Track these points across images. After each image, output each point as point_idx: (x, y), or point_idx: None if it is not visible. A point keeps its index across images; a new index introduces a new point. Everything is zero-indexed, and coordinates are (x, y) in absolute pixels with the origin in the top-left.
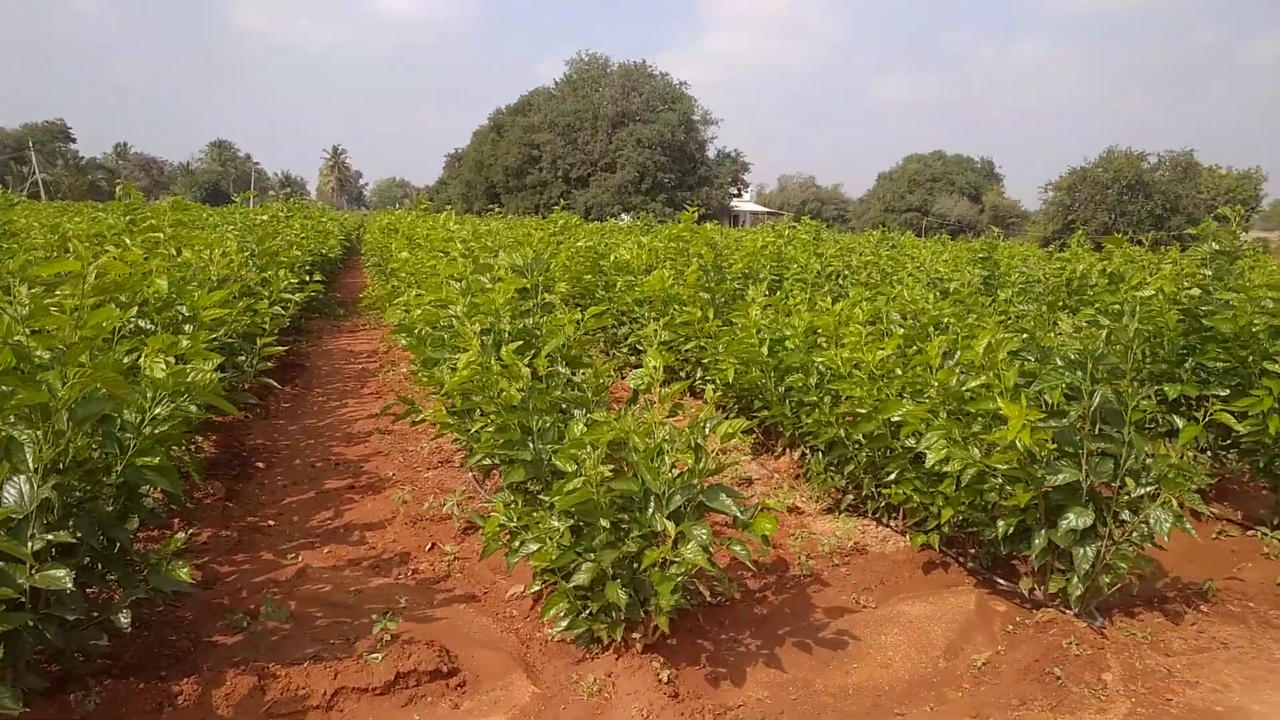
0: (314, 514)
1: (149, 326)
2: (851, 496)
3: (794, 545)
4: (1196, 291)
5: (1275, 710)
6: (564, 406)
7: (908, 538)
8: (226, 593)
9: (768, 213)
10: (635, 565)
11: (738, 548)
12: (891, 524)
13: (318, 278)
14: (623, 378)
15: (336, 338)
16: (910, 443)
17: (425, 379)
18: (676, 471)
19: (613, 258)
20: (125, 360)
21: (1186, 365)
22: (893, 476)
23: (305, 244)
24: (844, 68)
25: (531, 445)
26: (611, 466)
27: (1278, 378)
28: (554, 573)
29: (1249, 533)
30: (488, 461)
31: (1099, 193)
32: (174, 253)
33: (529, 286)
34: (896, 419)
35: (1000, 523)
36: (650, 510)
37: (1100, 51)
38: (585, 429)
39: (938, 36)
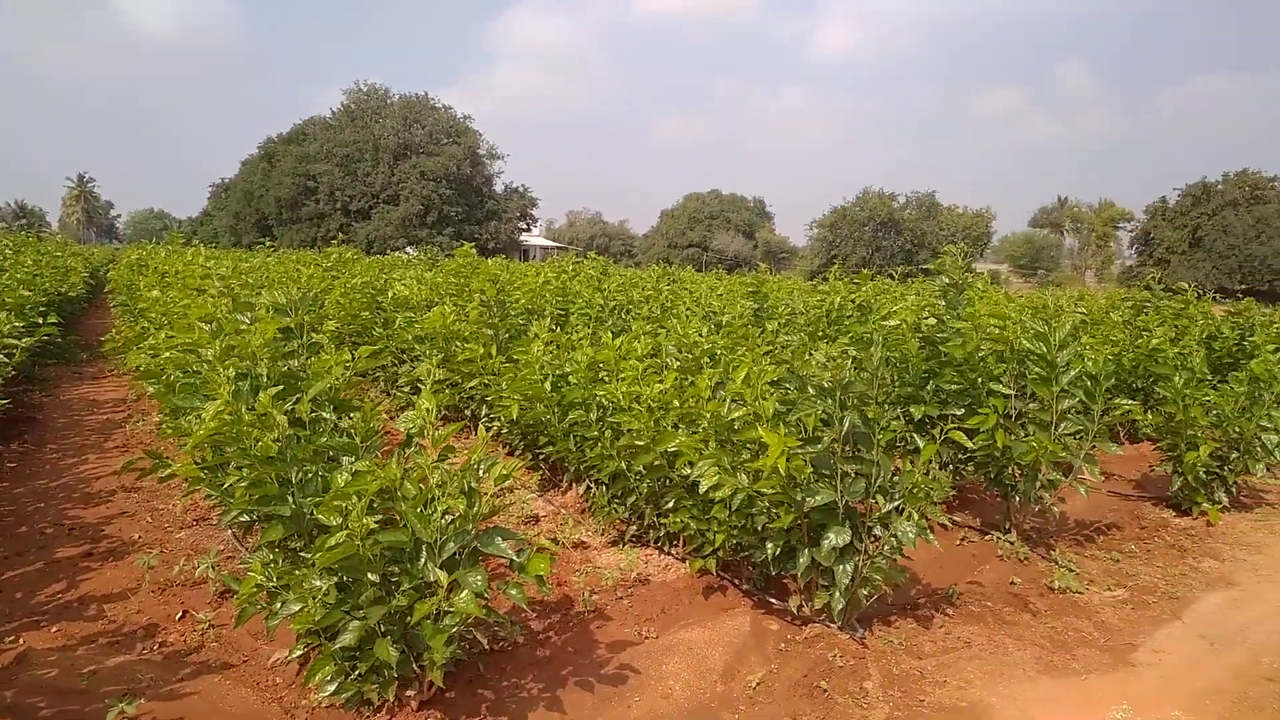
0: (42, 588)
1: None
2: (635, 527)
3: (578, 581)
4: (933, 320)
5: (1008, 700)
6: (331, 454)
7: (688, 564)
8: None
9: (557, 247)
10: (407, 619)
11: (514, 591)
12: (673, 552)
13: (53, 319)
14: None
15: (78, 386)
16: (686, 472)
17: (171, 430)
18: (450, 518)
19: (391, 294)
20: None
21: (929, 388)
22: (671, 505)
23: (38, 282)
24: (625, 109)
25: (291, 499)
26: (380, 517)
27: (1001, 397)
28: (319, 634)
29: (986, 537)
30: (245, 518)
31: (857, 229)
32: None
33: (294, 326)
34: (673, 449)
35: (769, 544)
36: (422, 560)
37: (855, 100)
38: (350, 478)
39: (711, 84)
